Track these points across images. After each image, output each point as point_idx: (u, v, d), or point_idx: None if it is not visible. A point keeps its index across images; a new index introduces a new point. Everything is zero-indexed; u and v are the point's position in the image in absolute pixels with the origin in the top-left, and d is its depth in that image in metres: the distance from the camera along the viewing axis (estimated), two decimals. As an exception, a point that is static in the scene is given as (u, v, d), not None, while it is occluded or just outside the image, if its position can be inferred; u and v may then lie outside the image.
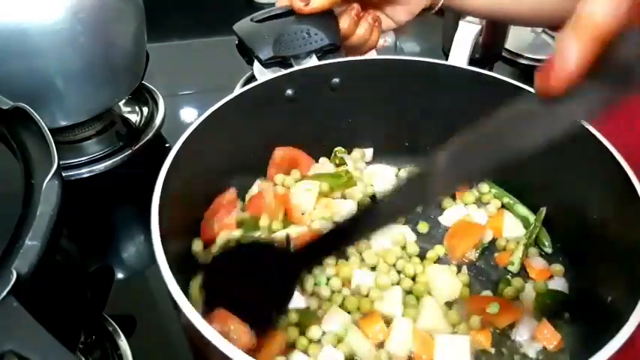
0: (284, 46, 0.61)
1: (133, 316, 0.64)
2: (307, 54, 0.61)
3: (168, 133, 0.89)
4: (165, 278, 0.40)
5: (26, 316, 0.32)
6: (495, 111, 0.37)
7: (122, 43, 0.76)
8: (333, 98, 0.62)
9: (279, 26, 0.61)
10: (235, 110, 0.56)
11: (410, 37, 1.11)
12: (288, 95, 0.60)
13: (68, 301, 0.46)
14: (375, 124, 0.66)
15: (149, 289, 0.70)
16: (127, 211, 0.81)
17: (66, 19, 0.66)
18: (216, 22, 1.22)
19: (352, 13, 0.65)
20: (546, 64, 0.33)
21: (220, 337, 0.36)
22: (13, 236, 0.35)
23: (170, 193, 0.46)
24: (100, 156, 0.81)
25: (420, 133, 0.65)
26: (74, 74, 0.70)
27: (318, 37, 0.61)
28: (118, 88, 0.79)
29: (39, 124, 0.43)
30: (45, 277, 0.36)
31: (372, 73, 0.61)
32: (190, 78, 1.05)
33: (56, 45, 0.67)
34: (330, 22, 0.63)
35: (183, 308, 0.38)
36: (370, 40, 0.67)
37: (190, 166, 0.52)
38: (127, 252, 0.75)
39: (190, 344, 0.45)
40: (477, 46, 0.91)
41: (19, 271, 0.33)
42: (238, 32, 0.62)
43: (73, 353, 0.42)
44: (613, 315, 0.44)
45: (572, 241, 0.58)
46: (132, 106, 0.92)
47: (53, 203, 0.37)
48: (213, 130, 0.54)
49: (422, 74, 0.61)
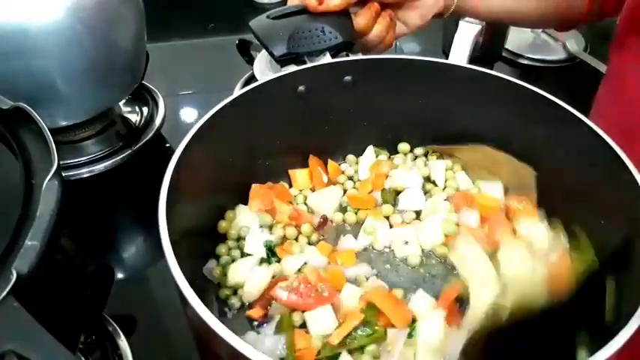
0: (298, 44, 0.61)
1: (133, 316, 0.64)
2: (321, 52, 0.62)
3: (168, 133, 0.90)
4: (172, 270, 0.39)
5: (26, 316, 0.32)
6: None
7: (122, 43, 0.76)
8: (345, 96, 0.62)
9: (294, 24, 0.62)
10: (244, 107, 0.56)
11: (410, 38, 1.11)
12: (299, 92, 0.60)
13: (68, 301, 0.46)
14: (387, 123, 0.66)
15: (149, 289, 0.70)
16: (127, 211, 0.81)
17: (66, 19, 0.66)
18: (216, 22, 1.22)
19: (371, 10, 0.65)
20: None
21: (227, 329, 0.36)
22: (13, 236, 0.35)
23: (175, 191, 0.46)
24: (100, 156, 0.81)
25: (435, 132, 0.66)
26: (74, 74, 0.70)
27: (333, 35, 0.62)
28: (118, 88, 0.79)
29: (39, 124, 0.43)
30: (45, 277, 0.36)
31: (385, 71, 0.62)
32: (190, 78, 1.05)
33: (56, 45, 0.67)
34: (345, 20, 0.64)
35: (190, 299, 0.38)
36: (386, 39, 0.68)
37: (197, 162, 0.52)
38: (127, 252, 0.75)
39: (195, 337, 0.45)
40: (477, 46, 0.91)
41: (19, 271, 0.33)
42: (254, 28, 0.62)
43: (73, 353, 0.42)
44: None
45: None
46: (132, 106, 0.92)
47: (53, 203, 0.37)
48: (227, 120, 0.54)
49: (437, 74, 0.61)
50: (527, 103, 0.56)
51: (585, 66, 1.05)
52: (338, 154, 0.68)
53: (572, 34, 1.11)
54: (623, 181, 0.47)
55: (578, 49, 1.08)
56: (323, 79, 0.61)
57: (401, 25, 0.70)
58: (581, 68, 1.06)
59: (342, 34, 0.62)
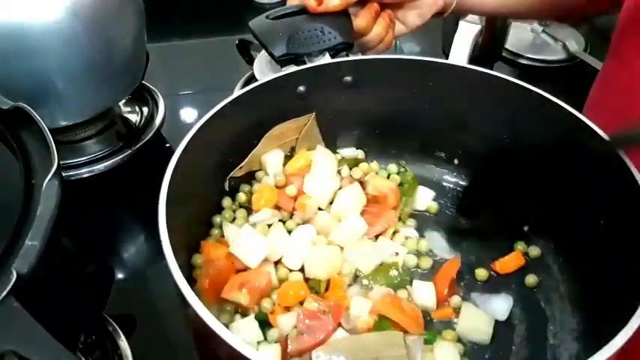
0: (298, 44, 0.61)
1: (133, 316, 0.64)
2: (320, 52, 0.62)
3: (168, 133, 0.89)
4: (172, 270, 0.40)
5: (26, 316, 0.32)
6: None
7: (122, 43, 0.76)
8: (345, 96, 0.62)
9: (294, 24, 0.62)
10: (244, 107, 0.56)
11: (410, 37, 1.11)
12: (299, 92, 0.60)
13: (68, 301, 0.46)
14: (387, 123, 0.66)
15: (149, 289, 0.70)
16: (127, 211, 0.81)
17: (66, 19, 0.66)
18: (216, 22, 1.22)
19: (371, 10, 0.66)
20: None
21: (227, 330, 0.36)
22: (13, 236, 0.35)
23: (175, 191, 0.46)
24: (100, 156, 0.81)
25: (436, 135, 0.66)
26: (74, 74, 0.70)
27: (332, 35, 0.62)
28: (118, 88, 0.79)
29: (39, 124, 0.43)
30: (45, 277, 0.36)
31: (385, 71, 0.62)
32: (190, 78, 1.05)
33: (56, 45, 0.67)
34: (344, 21, 0.64)
35: (190, 300, 0.38)
36: (386, 38, 0.68)
37: (194, 164, 0.52)
38: (127, 252, 0.75)
39: (195, 337, 0.45)
40: (476, 46, 0.91)
41: (19, 271, 0.33)
42: (254, 28, 0.63)
43: (73, 353, 0.42)
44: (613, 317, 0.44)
45: (568, 241, 0.58)
46: (132, 106, 0.92)
47: (53, 203, 0.37)
48: (227, 120, 0.54)
49: (437, 74, 0.61)
50: (527, 103, 0.56)
51: (585, 66, 1.05)
52: (337, 154, 0.68)
53: (572, 34, 1.11)
54: (623, 179, 0.47)
55: (578, 49, 1.08)
56: (323, 79, 0.61)
57: (400, 25, 0.71)
58: (581, 68, 1.06)
59: (341, 34, 0.62)
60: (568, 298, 0.56)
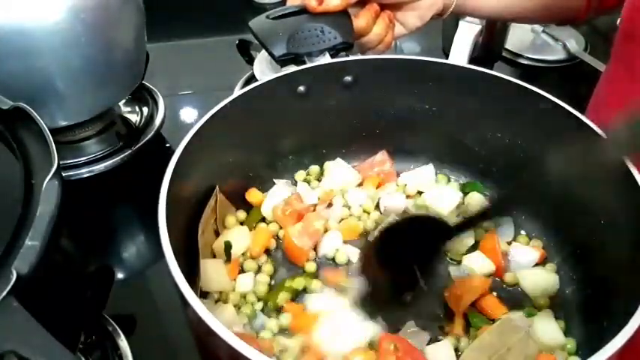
0: (298, 44, 0.61)
1: (133, 316, 0.64)
2: (320, 52, 0.62)
3: (168, 133, 0.89)
4: (172, 270, 0.40)
5: (26, 316, 0.32)
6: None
7: (122, 43, 0.76)
8: (345, 96, 0.62)
9: (294, 24, 0.62)
10: (244, 107, 0.56)
11: (410, 38, 1.11)
12: (299, 92, 0.60)
13: (68, 301, 0.46)
14: (390, 124, 0.66)
15: (149, 289, 0.70)
16: (126, 211, 0.81)
17: (66, 20, 0.66)
18: (216, 22, 1.22)
19: (371, 11, 0.66)
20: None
21: (227, 330, 0.36)
22: (13, 236, 0.35)
23: (175, 191, 0.46)
24: (100, 156, 0.81)
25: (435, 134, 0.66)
26: (74, 74, 0.70)
27: (332, 35, 0.62)
28: (118, 88, 0.79)
29: (39, 124, 0.43)
30: (45, 277, 0.36)
31: (385, 71, 0.62)
32: (190, 78, 1.05)
33: (56, 45, 0.67)
34: (345, 21, 0.64)
35: (190, 300, 0.38)
36: (385, 39, 0.68)
37: (197, 162, 0.52)
38: (127, 252, 0.75)
39: (196, 338, 0.45)
40: (476, 46, 0.91)
41: (19, 271, 0.33)
42: (254, 28, 0.63)
43: (73, 353, 0.42)
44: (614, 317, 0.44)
45: (567, 241, 0.58)
46: (132, 106, 0.92)
47: (53, 203, 0.37)
48: (227, 120, 0.54)
49: (437, 74, 0.61)
50: (527, 103, 0.56)
51: (585, 66, 1.05)
52: (336, 154, 0.68)
53: (572, 34, 1.11)
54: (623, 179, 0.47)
55: (578, 49, 1.08)
56: (323, 79, 0.61)
57: (399, 26, 0.71)
58: (581, 68, 1.06)
59: (341, 34, 0.62)
60: (568, 298, 0.56)
